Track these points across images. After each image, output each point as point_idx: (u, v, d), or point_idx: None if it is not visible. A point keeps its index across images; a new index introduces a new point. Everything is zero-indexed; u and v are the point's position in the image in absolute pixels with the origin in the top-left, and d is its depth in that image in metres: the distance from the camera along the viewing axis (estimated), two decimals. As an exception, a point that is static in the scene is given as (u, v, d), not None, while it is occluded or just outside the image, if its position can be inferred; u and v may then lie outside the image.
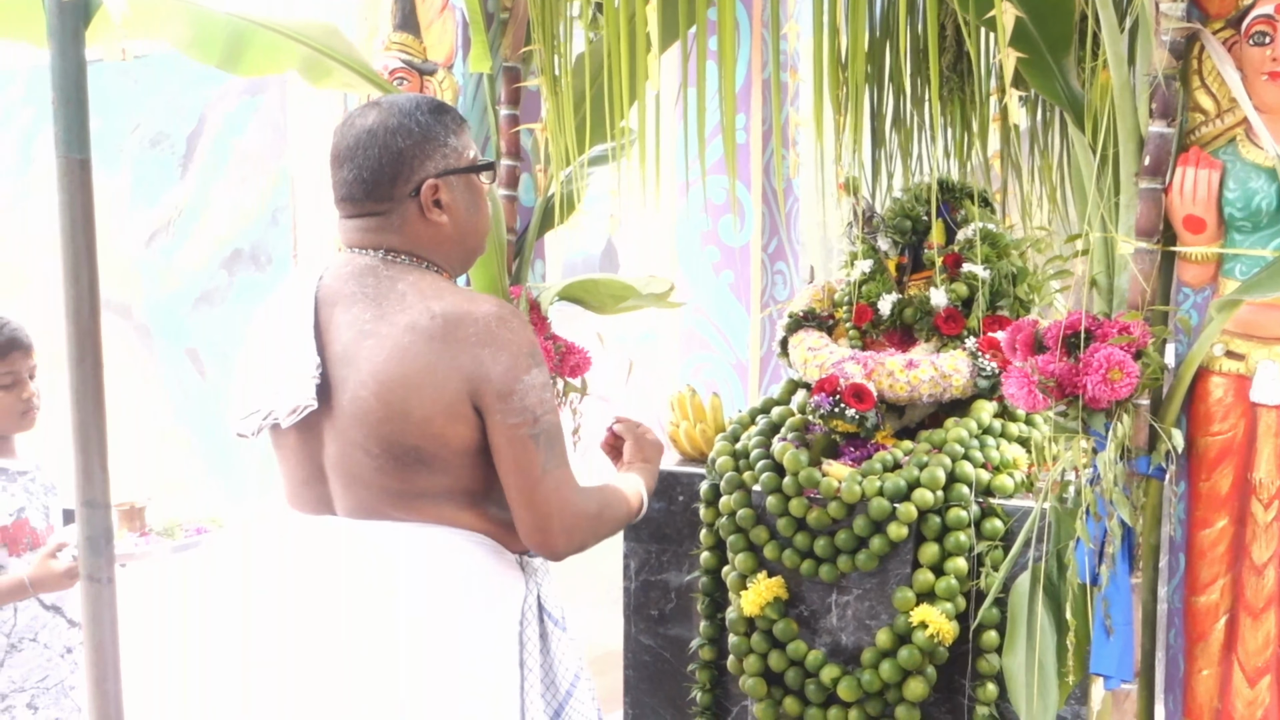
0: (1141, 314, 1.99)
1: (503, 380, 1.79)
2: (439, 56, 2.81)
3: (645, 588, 2.77)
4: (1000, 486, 2.40)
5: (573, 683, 1.95)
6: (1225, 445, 2.02)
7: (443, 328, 1.79)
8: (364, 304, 1.85)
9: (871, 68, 2.88)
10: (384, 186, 1.87)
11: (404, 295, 1.83)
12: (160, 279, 4.97)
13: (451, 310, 1.80)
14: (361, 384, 1.81)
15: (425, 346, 1.78)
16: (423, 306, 1.81)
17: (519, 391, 1.80)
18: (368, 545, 1.85)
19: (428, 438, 1.80)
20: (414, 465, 1.82)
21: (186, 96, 4.81)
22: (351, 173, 1.88)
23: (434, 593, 1.83)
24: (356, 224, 1.91)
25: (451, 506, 1.86)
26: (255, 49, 2.55)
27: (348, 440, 1.84)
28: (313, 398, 1.82)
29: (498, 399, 1.79)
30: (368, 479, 1.84)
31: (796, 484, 2.45)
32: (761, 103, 3.68)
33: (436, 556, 1.84)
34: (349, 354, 1.84)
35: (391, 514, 1.85)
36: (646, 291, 2.82)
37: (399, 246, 1.89)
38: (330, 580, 1.86)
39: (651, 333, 4.69)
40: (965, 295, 2.59)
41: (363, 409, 1.81)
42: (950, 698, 2.43)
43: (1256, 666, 2.03)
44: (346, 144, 1.89)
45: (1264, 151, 1.92)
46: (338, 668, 1.83)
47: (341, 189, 1.90)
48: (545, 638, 1.95)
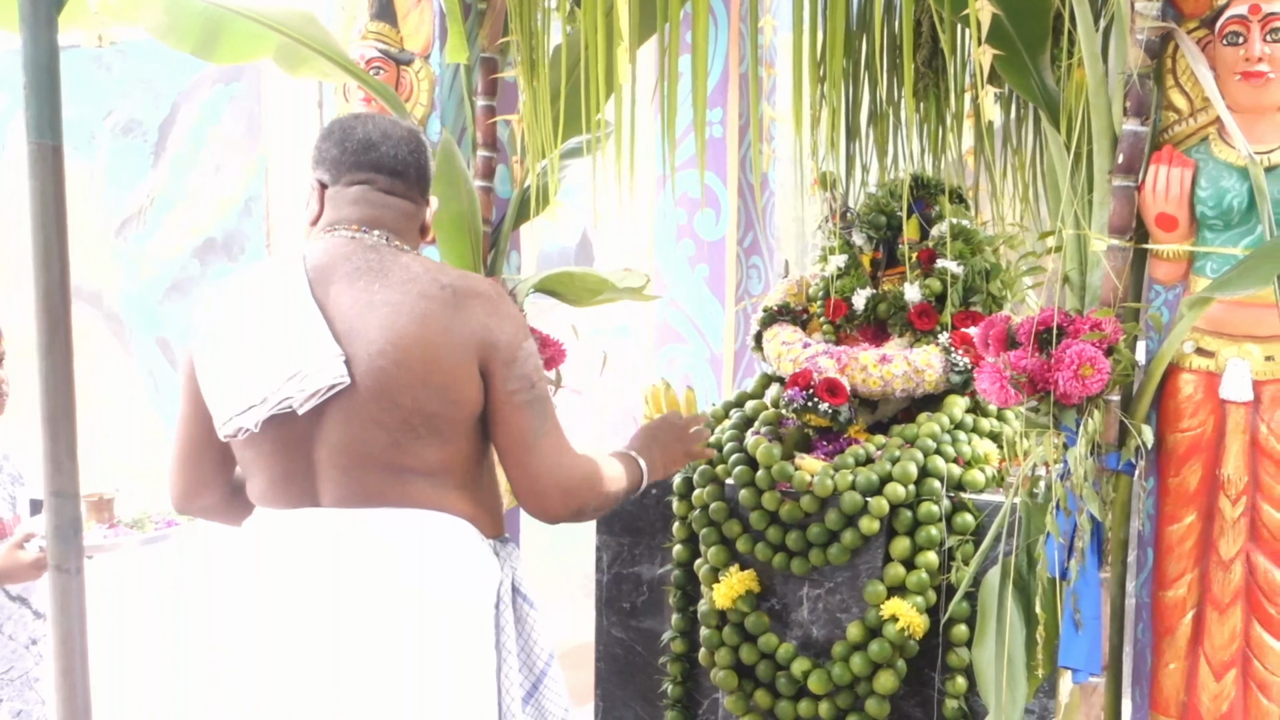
0: (1113, 311, 2.00)
1: (508, 347, 1.89)
2: (416, 46, 2.80)
3: (617, 580, 2.77)
4: (971, 481, 2.42)
5: (548, 661, 2.01)
6: (1194, 442, 2.04)
7: (454, 296, 1.87)
8: (368, 277, 1.88)
9: (848, 63, 2.89)
10: (424, 185, 2.03)
11: (408, 267, 1.90)
12: (132, 268, 4.94)
13: (458, 282, 1.90)
14: (380, 353, 1.83)
15: (440, 313, 1.85)
16: (430, 278, 1.89)
17: (520, 359, 1.89)
18: (352, 534, 1.86)
19: (447, 403, 1.85)
20: (428, 437, 1.86)
21: (160, 84, 4.78)
22: (410, 155, 2.00)
23: (414, 578, 1.86)
24: (395, 203, 1.98)
25: (442, 488, 1.90)
26: (231, 36, 2.53)
27: (361, 417, 1.84)
28: (345, 375, 1.83)
29: (503, 365, 1.88)
30: (377, 457, 1.85)
31: (769, 477, 2.46)
32: (739, 97, 3.68)
33: (424, 542, 1.87)
34: (356, 328, 1.85)
35: (388, 495, 1.87)
36: (622, 284, 2.81)
37: (407, 240, 1.99)
38: (315, 572, 1.86)
39: (626, 326, 4.69)
40: (939, 291, 2.60)
41: (382, 379, 1.83)
42: (920, 691, 2.44)
43: (1222, 660, 2.05)
44: (381, 130, 1.99)
45: (1236, 151, 1.94)
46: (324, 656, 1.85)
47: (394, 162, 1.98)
48: (521, 620, 2.00)
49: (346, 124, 1.99)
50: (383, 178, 1.97)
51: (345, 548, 1.86)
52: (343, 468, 1.86)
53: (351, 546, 1.86)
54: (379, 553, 1.85)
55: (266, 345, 1.88)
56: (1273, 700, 2.03)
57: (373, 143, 1.97)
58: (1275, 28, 1.92)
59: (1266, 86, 1.93)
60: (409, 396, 1.83)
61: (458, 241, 2.63)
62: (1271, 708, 2.04)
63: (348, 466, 1.86)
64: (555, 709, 2.02)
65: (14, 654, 2.76)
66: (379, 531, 1.86)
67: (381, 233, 1.95)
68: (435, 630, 1.86)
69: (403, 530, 1.87)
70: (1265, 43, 1.92)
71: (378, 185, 1.97)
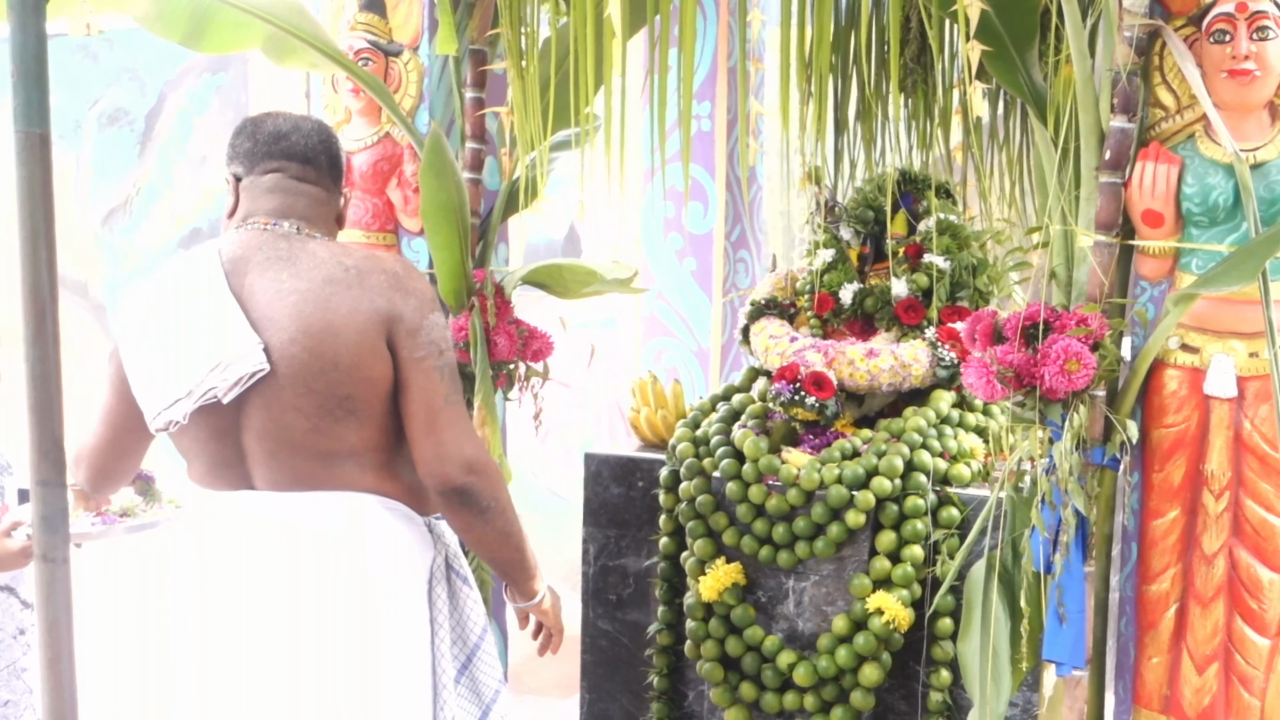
0: (1099, 306, 2.01)
1: (412, 319, 1.93)
2: (405, 38, 2.79)
3: (604, 573, 2.77)
4: (957, 475, 2.43)
5: (480, 635, 2.09)
6: (1179, 437, 2.05)
7: (357, 277, 1.92)
8: (279, 266, 1.93)
9: (836, 58, 2.89)
10: (337, 174, 2.07)
11: (315, 253, 1.95)
12: (118, 258, 4.92)
13: (362, 262, 1.95)
14: (291, 340, 1.88)
15: (345, 295, 1.90)
16: (335, 261, 1.93)
17: (426, 328, 1.94)
18: (286, 516, 1.92)
19: (359, 382, 1.89)
20: (345, 419, 1.90)
21: (147, 74, 4.76)
22: (320, 144, 2.04)
23: (347, 557, 1.91)
24: (306, 189, 2.02)
25: (369, 469, 1.95)
26: (219, 26, 2.53)
27: (280, 404, 1.89)
28: (264, 362, 1.88)
29: (408, 335, 1.92)
30: (299, 442, 1.90)
31: (756, 471, 2.46)
32: (727, 91, 3.68)
33: (354, 523, 1.92)
34: (268, 316, 1.90)
35: (316, 478, 1.92)
36: (610, 277, 2.82)
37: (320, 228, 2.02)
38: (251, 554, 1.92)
39: (614, 319, 4.69)
40: (926, 285, 2.61)
41: (295, 366, 1.88)
42: (905, 684, 2.45)
43: (1205, 654, 2.06)
44: (291, 122, 2.04)
45: (1222, 148, 1.95)
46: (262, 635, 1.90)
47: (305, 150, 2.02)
48: (455, 596, 2.07)
49: (257, 119, 2.05)
50: (294, 165, 2.01)
51: (279, 530, 1.93)
52: (269, 452, 1.92)
53: (285, 529, 1.92)
54: (311, 535, 1.91)
55: (188, 338, 1.93)
56: (1254, 694, 2.05)
57: (283, 133, 2.02)
58: (1262, 26, 1.93)
59: (1253, 84, 1.94)
60: (322, 381, 1.88)
61: (446, 233, 2.63)
62: (1253, 701, 2.05)
63: (274, 451, 1.92)
64: (489, 682, 2.10)
65: (1, 644, 2.75)
66: (310, 514, 1.92)
67: (293, 222, 1.99)
68: (368, 609, 1.91)
69: (333, 512, 1.92)
70: (1252, 41, 1.93)
71: (289, 173, 2.01)
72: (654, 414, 2.83)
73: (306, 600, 1.90)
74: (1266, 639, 2.04)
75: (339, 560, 1.91)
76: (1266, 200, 1.95)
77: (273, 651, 1.90)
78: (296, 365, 1.88)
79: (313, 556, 1.91)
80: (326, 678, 1.89)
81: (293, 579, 1.91)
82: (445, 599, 2.05)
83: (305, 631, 1.90)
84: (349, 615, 1.90)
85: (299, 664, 1.89)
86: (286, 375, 1.88)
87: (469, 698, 2.09)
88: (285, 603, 1.90)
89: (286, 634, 1.90)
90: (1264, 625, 2.04)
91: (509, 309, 2.73)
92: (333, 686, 1.89)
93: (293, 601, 1.90)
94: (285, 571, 1.91)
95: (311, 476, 1.92)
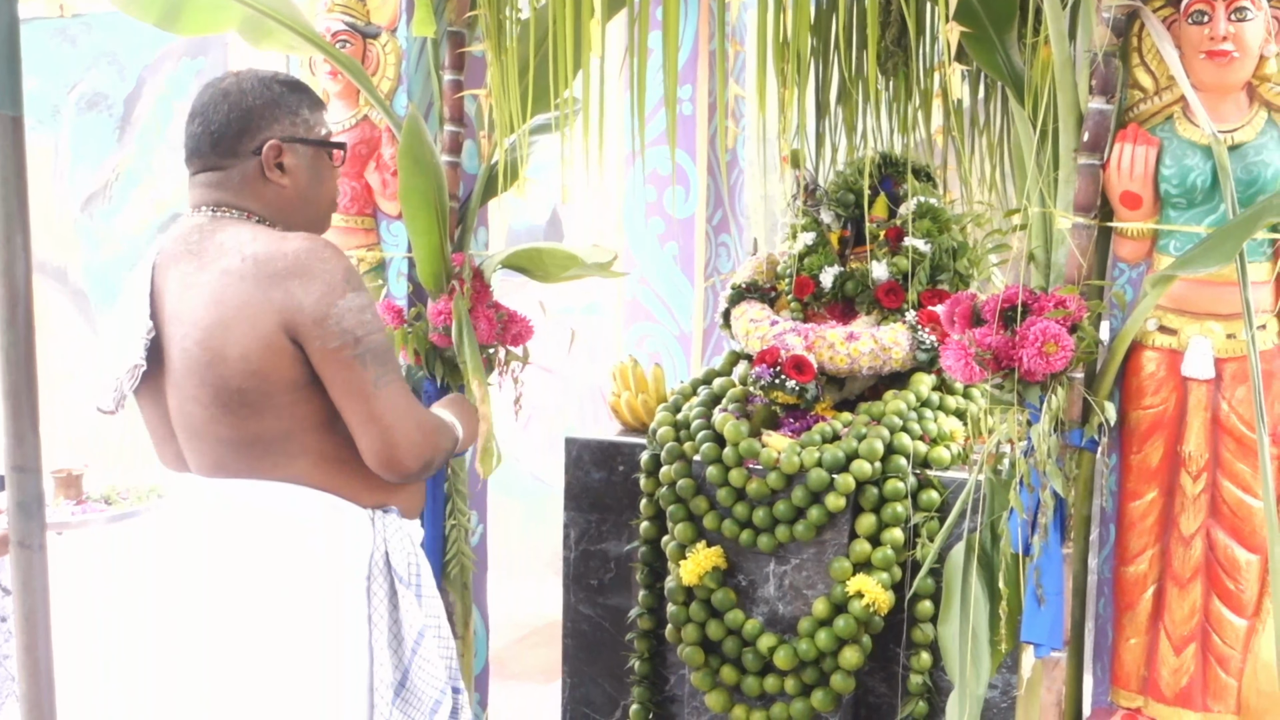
0: (1077, 288, 2.01)
1: (315, 307, 1.83)
2: (382, 19, 2.77)
3: (585, 557, 2.77)
4: (937, 458, 2.43)
5: (417, 640, 1.98)
6: (1156, 419, 2.05)
7: (253, 267, 1.84)
8: (188, 259, 1.91)
9: (816, 40, 2.89)
10: (229, 141, 1.94)
11: (222, 244, 1.89)
12: (98, 243, 4.89)
13: (262, 250, 1.86)
14: (185, 335, 1.87)
15: (238, 287, 1.84)
16: (236, 252, 1.87)
17: (334, 315, 1.83)
18: (219, 502, 1.92)
19: (248, 376, 1.84)
20: (240, 410, 1.86)
21: (125, 57, 4.73)
22: (200, 127, 1.95)
23: (279, 550, 1.89)
24: (200, 179, 1.97)
25: (292, 457, 1.90)
26: (195, 7, 2.51)
27: (183, 395, 1.90)
28: (142, 358, 1.89)
29: (314, 325, 1.83)
30: (204, 430, 1.89)
31: (736, 455, 2.46)
32: (708, 74, 3.67)
33: (281, 514, 1.90)
34: (176, 311, 1.90)
35: (234, 467, 1.90)
36: (591, 261, 2.81)
37: (232, 203, 1.95)
38: (192, 537, 1.94)
39: (595, 303, 4.68)
40: (906, 269, 2.61)
41: (189, 359, 1.87)
42: (885, 666, 2.46)
43: (1182, 635, 2.07)
44: (201, 102, 1.97)
45: (1200, 129, 1.95)
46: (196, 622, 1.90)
47: (190, 143, 1.98)
48: (394, 594, 1.98)
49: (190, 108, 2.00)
50: (201, 158, 1.96)
51: (213, 514, 1.93)
52: (186, 439, 1.94)
53: (217, 513, 1.92)
54: (240, 521, 1.91)
55: (119, 330, 1.97)
56: (1231, 674, 2.06)
57: (193, 117, 1.97)
58: (1240, 7, 1.93)
59: (1231, 65, 1.94)
60: (212, 373, 1.85)
61: (424, 217, 2.61)
62: (1230, 681, 2.06)
63: (188, 438, 1.93)
64: (429, 690, 1.97)
65: (-18, 631, 2.75)
66: (239, 500, 1.91)
67: (208, 208, 1.95)
68: (297, 601, 1.88)
69: (262, 500, 1.90)
70: (1230, 22, 1.93)
71: (202, 165, 1.97)
72: (635, 398, 2.83)
73: (234, 588, 1.89)
74: (1243, 619, 2.05)
75: (266, 549, 1.89)
76: (1244, 182, 1.96)
77: (199, 642, 1.90)
78: (188, 359, 1.87)
79: (238, 544, 1.90)
80: (249, 668, 1.88)
81: (220, 567, 1.90)
82: (384, 597, 1.97)
83: (232, 621, 1.89)
84: (277, 607, 1.88)
85: (223, 654, 1.89)
86: (183, 368, 1.88)
87: (412, 703, 1.98)
88: (212, 589, 1.90)
89: (214, 623, 1.89)
90: (1241, 606, 2.04)
91: (488, 293, 2.71)
92: (257, 678, 1.88)
93: (220, 589, 1.89)
94: (213, 559, 1.91)
95: (227, 463, 1.90)
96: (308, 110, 2.01)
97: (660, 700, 2.73)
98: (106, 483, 3.30)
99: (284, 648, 1.88)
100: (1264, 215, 1.79)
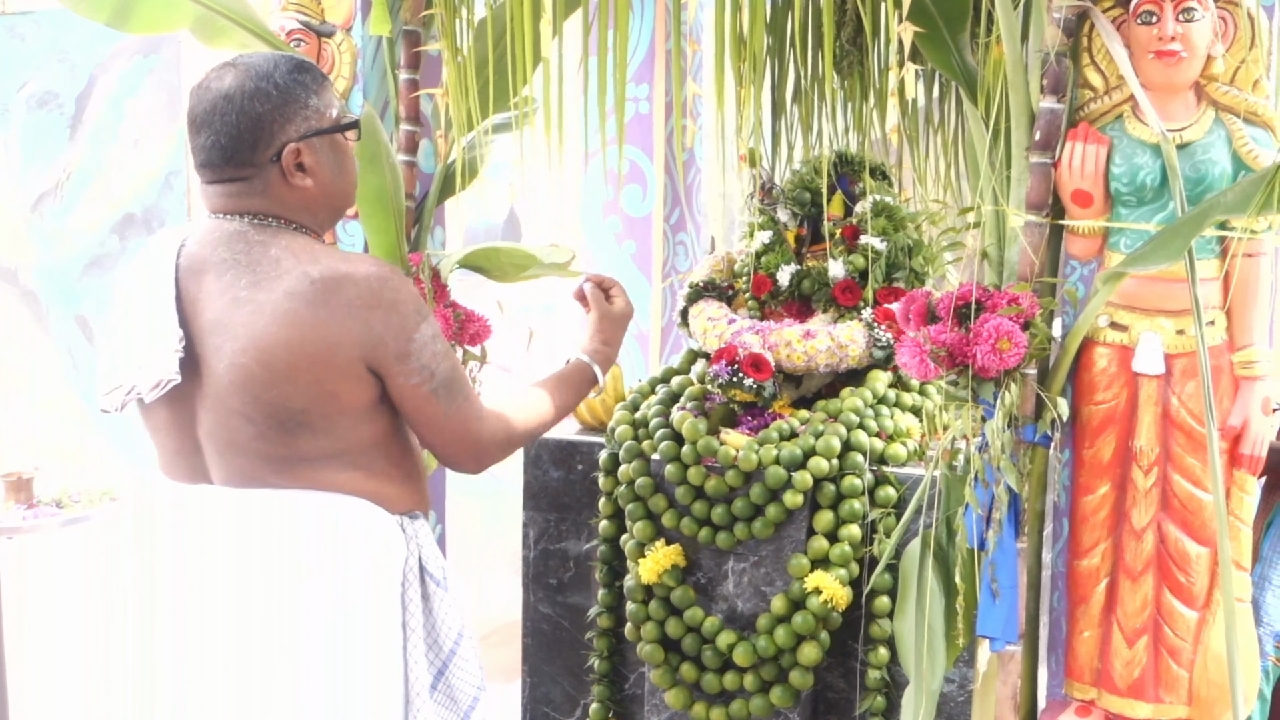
0: (1030, 286, 2.04)
1: (397, 341, 1.81)
2: (337, 18, 2.75)
3: (544, 556, 2.77)
4: (894, 455, 2.45)
5: (456, 641, 1.97)
6: (1108, 414, 2.08)
7: (323, 292, 1.78)
8: (236, 270, 1.82)
9: (772, 40, 2.90)
10: (244, 152, 1.84)
11: (278, 260, 1.82)
12: (49, 244, 4.83)
13: (330, 274, 1.79)
14: (241, 351, 1.79)
15: (309, 312, 1.77)
16: (300, 271, 1.80)
17: (414, 351, 1.83)
18: (246, 514, 1.85)
19: (318, 399, 1.79)
20: (298, 430, 1.81)
21: (76, 55, 4.67)
22: (209, 139, 1.84)
23: (312, 558, 1.84)
24: (218, 189, 1.88)
25: (331, 470, 1.85)
26: (147, 6, 2.49)
27: (226, 409, 1.82)
28: (176, 372, 1.80)
29: (396, 361, 1.82)
30: (246, 446, 1.82)
31: (695, 453, 2.47)
32: (665, 73, 3.67)
33: (313, 522, 1.84)
34: (223, 322, 1.81)
35: (269, 480, 1.84)
36: (548, 261, 2.81)
37: (265, 210, 1.87)
38: (211, 550, 1.85)
39: (553, 303, 4.68)
40: (863, 267, 2.63)
41: (244, 375, 1.79)
42: (843, 662, 2.48)
43: (1135, 627, 2.10)
44: (203, 108, 1.85)
45: (1149, 128, 1.98)
46: (223, 636, 1.84)
47: (200, 155, 1.87)
48: (428, 599, 1.96)
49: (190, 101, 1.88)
50: (215, 169, 1.86)
51: (237, 527, 1.85)
52: (219, 451, 1.85)
53: (241, 526, 1.85)
54: (269, 533, 1.83)
55: (125, 329, 1.89)
56: (1182, 666, 2.09)
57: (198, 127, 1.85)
58: (1187, 8, 1.96)
59: (1179, 65, 1.97)
60: (273, 393, 1.78)
61: (380, 217, 2.61)
62: (1181, 673, 2.09)
63: (223, 451, 1.85)
64: (466, 689, 1.98)
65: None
66: (268, 512, 1.84)
67: (242, 216, 1.86)
68: (332, 611, 1.83)
69: (292, 510, 1.84)
70: (1178, 22, 1.96)
71: (217, 176, 1.87)
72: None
73: (262, 602, 1.83)
74: (1194, 611, 2.08)
75: (298, 560, 1.83)
76: (1192, 180, 1.99)
77: (224, 656, 1.84)
78: (245, 375, 1.79)
79: (270, 556, 1.83)
80: (282, 685, 1.82)
81: (247, 580, 1.83)
82: (419, 602, 1.94)
83: (260, 637, 1.82)
84: (310, 618, 1.83)
85: (252, 670, 1.83)
86: (235, 383, 1.80)
87: (445, 705, 1.98)
88: (238, 605, 1.83)
89: (240, 640, 1.83)
90: (1192, 598, 2.08)
91: (445, 292, 2.71)
92: (290, 695, 1.82)
93: (246, 603, 1.83)
94: (239, 572, 1.83)
95: (263, 476, 1.84)
96: (315, 96, 1.89)
97: (620, 698, 2.73)
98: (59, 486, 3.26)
99: (315, 654, 1.83)
100: (1211, 213, 1.82)
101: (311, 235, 1.91)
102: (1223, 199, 1.83)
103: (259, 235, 1.85)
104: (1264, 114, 2.01)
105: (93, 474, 3.94)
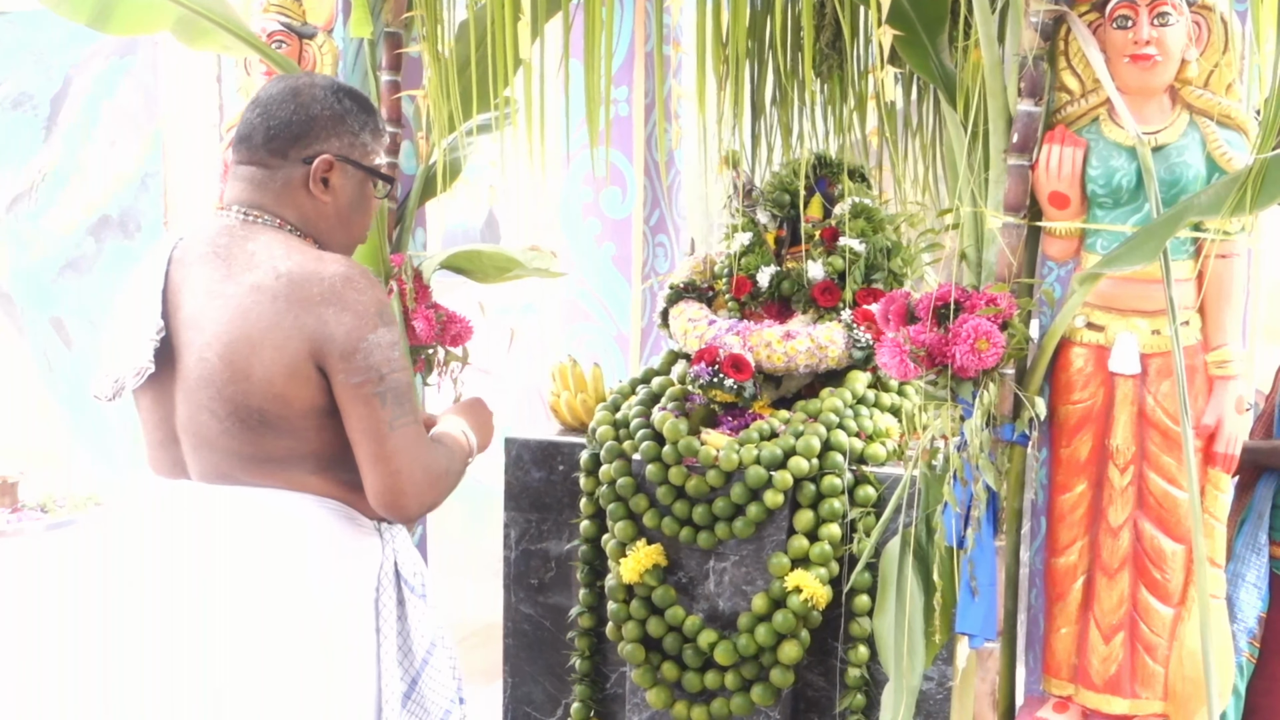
0: (1008, 286, 2.06)
1: (346, 339, 1.77)
2: (319, 20, 2.76)
3: (525, 557, 2.78)
4: (873, 455, 2.47)
5: (429, 651, 1.95)
6: (1085, 413, 2.10)
7: (286, 287, 1.78)
8: (214, 263, 1.84)
9: (753, 42, 2.91)
10: (282, 141, 1.88)
11: (253, 254, 1.83)
12: (24, 246, 4.81)
13: (297, 270, 1.80)
14: (206, 345, 1.81)
15: (269, 306, 1.78)
16: (269, 266, 1.80)
17: (363, 350, 1.78)
18: (219, 511, 1.85)
19: (270, 399, 1.79)
20: (259, 428, 1.81)
21: (51, 55, 4.65)
22: (260, 116, 1.88)
23: (285, 559, 1.83)
24: (242, 173, 1.90)
25: (302, 471, 1.85)
26: (127, 7, 2.48)
27: (195, 403, 1.83)
28: (149, 361, 1.82)
29: (340, 359, 1.78)
30: (215, 442, 1.83)
31: (676, 453, 2.48)
32: (645, 75, 3.69)
33: (287, 522, 1.84)
34: (196, 316, 1.83)
35: (242, 478, 1.84)
36: (530, 263, 2.82)
37: (268, 207, 1.88)
38: (183, 548, 1.86)
39: (533, 304, 4.68)
40: (841, 268, 2.65)
41: (208, 371, 1.80)
42: (824, 660, 2.49)
43: (1111, 624, 2.12)
44: (268, 92, 1.90)
45: (1125, 131, 2.00)
46: (191, 637, 1.83)
47: (244, 128, 1.90)
48: (402, 604, 1.94)
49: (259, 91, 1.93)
50: (250, 149, 1.89)
51: (205, 523, 1.85)
52: (193, 446, 1.86)
53: (210, 522, 1.85)
54: (242, 533, 1.83)
55: (122, 322, 1.91)
56: (1158, 662, 2.11)
57: (256, 104, 1.90)
58: (1162, 12, 1.98)
59: (1154, 69, 2.00)
60: (232, 389, 1.79)
61: (362, 218, 2.61)
62: (1157, 669, 2.12)
63: (196, 446, 1.86)
64: (439, 700, 1.96)
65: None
66: (242, 510, 1.84)
67: (240, 209, 1.88)
68: (304, 614, 1.83)
69: (266, 510, 1.84)
70: (1153, 26, 1.98)
71: (249, 156, 1.89)
72: (574, 398, 2.84)
73: (228, 602, 1.82)
74: (1170, 608, 2.10)
75: (265, 560, 1.83)
76: (1168, 182, 2.01)
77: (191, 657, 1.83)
78: (207, 370, 1.80)
79: (236, 554, 1.83)
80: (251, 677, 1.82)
81: (212, 579, 1.83)
82: (393, 607, 1.92)
83: (226, 637, 1.82)
84: (282, 622, 1.82)
85: (223, 665, 1.82)
86: (200, 378, 1.81)
87: (418, 715, 1.96)
88: (206, 605, 1.82)
89: (206, 640, 1.82)
90: (1167, 595, 2.10)
91: (427, 293, 2.71)
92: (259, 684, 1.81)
93: (213, 604, 1.82)
94: (205, 571, 1.83)
95: (236, 474, 1.84)
96: (369, 135, 1.94)
97: (602, 698, 2.74)
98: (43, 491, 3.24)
99: (287, 656, 1.82)
100: (1186, 214, 1.84)
101: (304, 239, 1.91)
102: (1197, 201, 1.85)
103: (244, 230, 1.86)
104: (1237, 117, 2.03)
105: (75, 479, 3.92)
